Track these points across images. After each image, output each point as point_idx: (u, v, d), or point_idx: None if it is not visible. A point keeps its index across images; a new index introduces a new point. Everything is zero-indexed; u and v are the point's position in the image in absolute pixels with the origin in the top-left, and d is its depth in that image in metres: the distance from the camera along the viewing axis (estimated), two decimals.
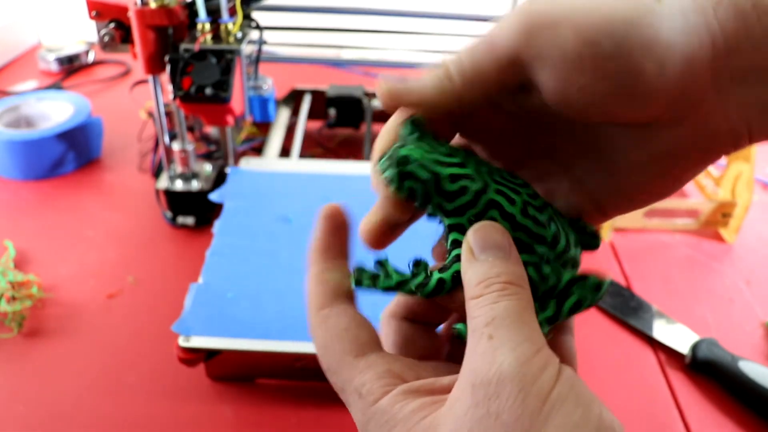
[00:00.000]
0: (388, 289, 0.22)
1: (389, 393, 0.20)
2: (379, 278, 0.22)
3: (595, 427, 0.17)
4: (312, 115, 0.86)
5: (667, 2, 0.18)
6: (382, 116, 0.87)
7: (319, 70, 1.01)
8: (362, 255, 0.24)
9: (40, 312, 0.57)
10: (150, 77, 0.62)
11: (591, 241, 0.24)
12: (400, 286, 0.22)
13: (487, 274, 0.20)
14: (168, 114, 0.67)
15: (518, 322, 0.19)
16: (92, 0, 0.59)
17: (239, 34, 0.59)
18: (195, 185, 0.68)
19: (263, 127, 0.82)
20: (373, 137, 0.79)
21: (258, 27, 0.62)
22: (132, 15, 0.57)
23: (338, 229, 0.24)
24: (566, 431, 0.17)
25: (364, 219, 0.23)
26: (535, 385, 0.17)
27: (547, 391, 0.17)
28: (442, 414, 0.19)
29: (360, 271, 0.23)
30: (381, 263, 0.22)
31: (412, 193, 0.21)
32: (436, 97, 0.21)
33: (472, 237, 0.21)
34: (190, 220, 0.69)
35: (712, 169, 0.73)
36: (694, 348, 0.53)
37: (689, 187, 0.77)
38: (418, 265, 0.22)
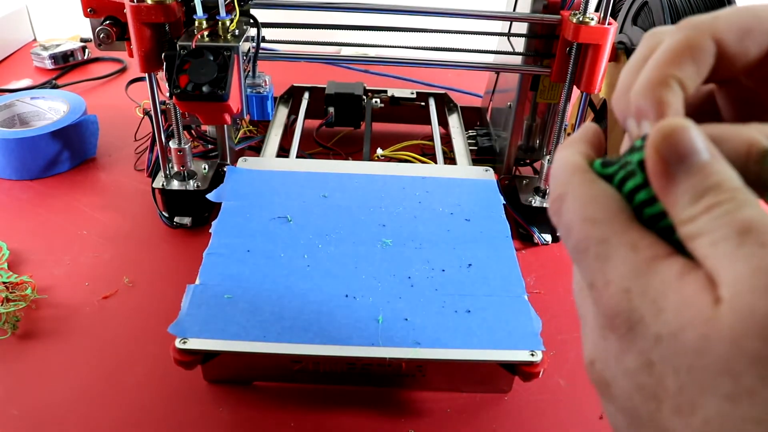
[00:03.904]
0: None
1: (669, 258, 0.17)
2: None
3: None
4: (311, 113, 0.85)
5: None
6: (382, 115, 0.86)
7: (318, 68, 1.01)
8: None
9: (34, 313, 0.56)
10: (146, 75, 0.61)
11: None
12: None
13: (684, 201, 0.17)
14: (164, 112, 0.67)
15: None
16: None
17: (236, 31, 0.58)
18: (192, 184, 0.67)
19: (261, 125, 0.81)
20: (373, 136, 0.79)
21: (256, 24, 0.61)
22: (128, 12, 0.56)
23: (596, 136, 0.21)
24: None
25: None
26: None
27: None
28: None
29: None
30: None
31: None
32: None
33: (651, 160, 0.17)
34: (186, 220, 0.68)
35: None
36: None
37: None
38: None
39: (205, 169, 0.70)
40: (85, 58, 1.09)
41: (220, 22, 0.57)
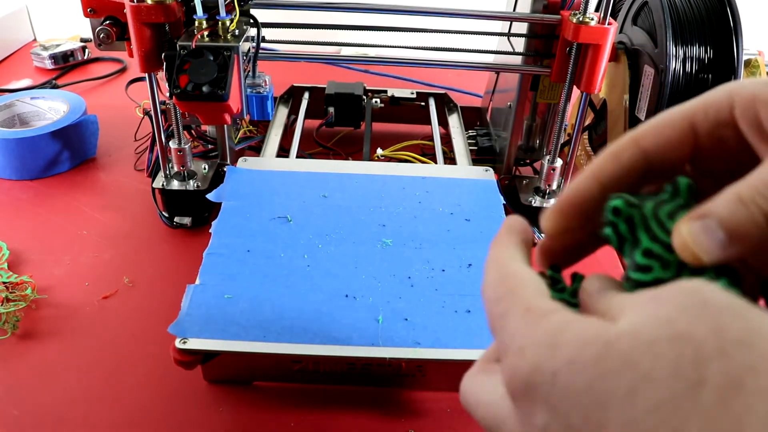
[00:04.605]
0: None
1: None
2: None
3: None
4: (311, 113, 0.85)
5: None
6: (382, 115, 0.86)
7: (318, 68, 1.01)
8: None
9: (34, 313, 0.56)
10: (146, 75, 0.61)
11: None
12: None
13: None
14: (164, 112, 0.67)
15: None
16: None
17: (236, 31, 0.58)
18: (192, 184, 0.67)
19: (261, 125, 0.81)
20: (373, 136, 0.79)
21: (256, 24, 0.61)
22: (128, 12, 0.56)
23: (525, 243, 0.23)
24: None
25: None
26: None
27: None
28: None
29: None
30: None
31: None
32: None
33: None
34: (186, 220, 0.68)
35: None
36: None
37: None
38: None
39: (205, 169, 0.70)
40: (85, 58, 1.09)
41: (220, 22, 0.57)
